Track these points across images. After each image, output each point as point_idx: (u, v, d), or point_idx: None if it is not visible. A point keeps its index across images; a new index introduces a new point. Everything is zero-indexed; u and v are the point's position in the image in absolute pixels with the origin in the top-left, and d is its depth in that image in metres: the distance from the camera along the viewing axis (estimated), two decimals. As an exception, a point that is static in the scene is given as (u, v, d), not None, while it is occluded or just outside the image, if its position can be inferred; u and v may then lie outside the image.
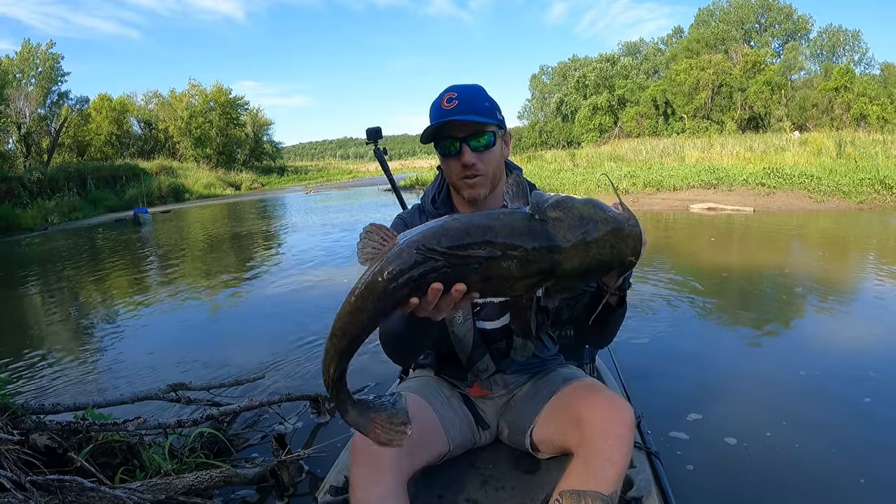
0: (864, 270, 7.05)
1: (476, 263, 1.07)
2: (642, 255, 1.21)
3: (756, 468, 2.70)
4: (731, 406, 3.39)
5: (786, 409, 3.29)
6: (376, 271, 1.07)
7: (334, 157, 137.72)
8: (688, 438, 2.99)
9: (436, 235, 1.07)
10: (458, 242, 1.06)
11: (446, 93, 1.60)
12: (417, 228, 1.10)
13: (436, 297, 1.08)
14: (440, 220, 1.11)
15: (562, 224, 1.11)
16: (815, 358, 4.04)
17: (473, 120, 1.56)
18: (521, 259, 1.08)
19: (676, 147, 23.98)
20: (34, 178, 27.25)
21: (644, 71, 48.56)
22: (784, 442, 2.92)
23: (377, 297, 1.08)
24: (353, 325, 1.12)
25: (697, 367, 4.03)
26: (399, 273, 1.06)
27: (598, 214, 1.15)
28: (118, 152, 42.74)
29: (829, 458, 2.78)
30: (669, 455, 2.23)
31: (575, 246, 1.11)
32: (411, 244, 1.06)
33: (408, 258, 1.06)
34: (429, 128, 1.59)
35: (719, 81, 36.74)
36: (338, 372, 1.19)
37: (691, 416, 3.24)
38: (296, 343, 4.99)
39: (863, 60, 40.20)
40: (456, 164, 1.61)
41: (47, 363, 4.98)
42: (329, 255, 9.75)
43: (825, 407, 3.32)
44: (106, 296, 8.13)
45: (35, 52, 37.57)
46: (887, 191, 13.01)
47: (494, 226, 1.09)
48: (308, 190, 35.01)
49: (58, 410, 2.73)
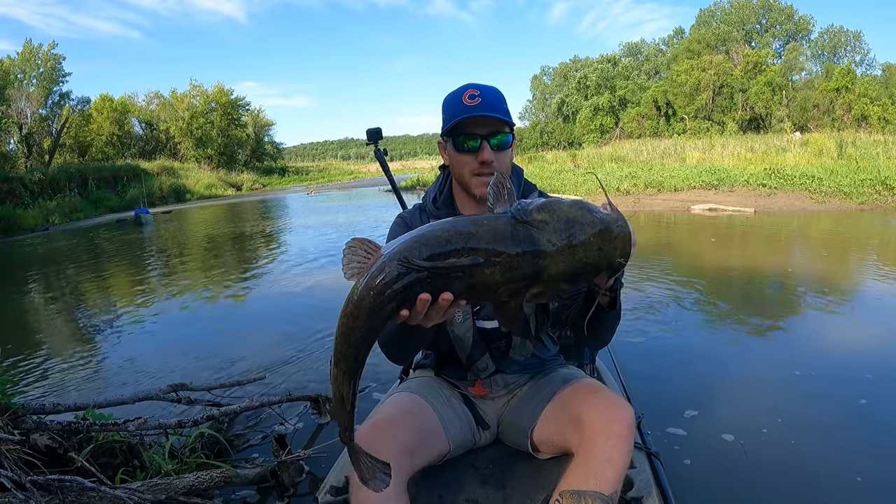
0: (865, 271, 7.04)
1: (459, 272, 1.05)
2: (632, 255, 1.19)
3: (756, 468, 2.70)
4: (731, 406, 3.39)
5: (785, 410, 3.29)
6: (362, 288, 1.06)
7: (335, 157, 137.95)
8: (688, 439, 2.99)
9: (417, 245, 1.05)
10: (439, 251, 1.04)
11: (467, 89, 1.61)
12: (400, 239, 1.08)
13: (424, 307, 1.07)
14: (422, 229, 1.10)
15: (546, 227, 1.09)
16: (813, 359, 4.05)
17: (498, 117, 1.57)
18: (503, 265, 1.06)
19: (677, 148, 24.01)
20: (35, 178, 27.31)
21: (645, 72, 48.57)
22: (783, 442, 2.92)
23: (366, 315, 1.07)
24: (349, 346, 1.11)
25: (697, 368, 4.04)
26: (384, 287, 1.04)
27: (585, 216, 1.13)
28: (119, 153, 42.83)
29: (825, 458, 2.78)
30: (669, 455, 2.23)
31: (560, 250, 1.09)
32: (393, 256, 1.05)
33: (391, 271, 1.04)
34: (452, 122, 1.59)
35: (720, 82, 36.76)
36: (350, 395, 1.17)
37: (691, 417, 3.24)
38: (296, 343, 4.99)
39: (864, 61, 40.28)
40: (472, 160, 1.61)
41: (48, 363, 4.98)
42: (329, 256, 9.74)
43: (823, 407, 3.33)
44: (107, 296, 8.14)
45: (37, 52, 37.64)
46: (888, 191, 13.02)
47: (477, 232, 1.06)
48: (309, 191, 35.02)
49: (58, 410, 2.74)
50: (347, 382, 1.15)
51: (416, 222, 1.77)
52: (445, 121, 1.63)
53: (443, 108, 1.67)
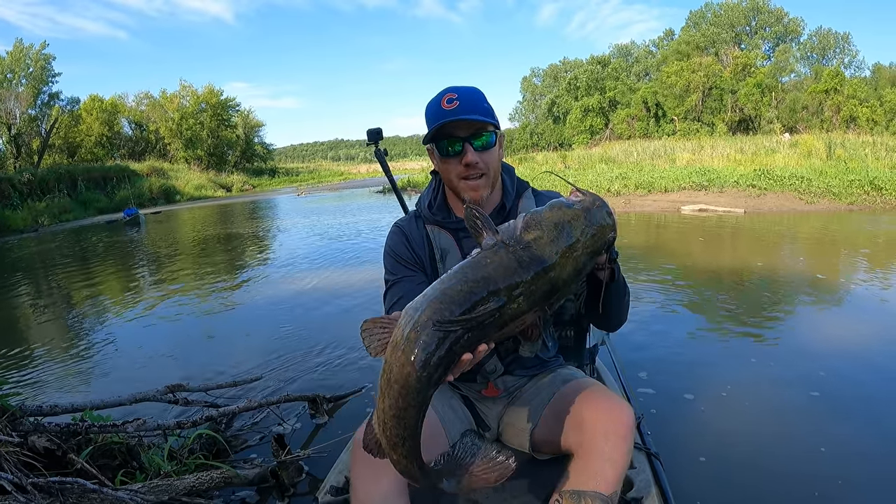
0: (855, 271, 7.09)
1: (490, 317, 1.05)
2: (616, 222, 1.24)
3: (756, 468, 2.72)
4: (731, 406, 3.42)
5: (785, 410, 3.33)
6: (404, 365, 1.03)
7: (325, 158, 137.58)
8: (688, 439, 3.02)
9: (444, 306, 1.04)
10: (468, 304, 1.04)
11: (445, 94, 1.61)
12: (418, 305, 1.07)
13: (469, 365, 1.09)
14: (436, 290, 1.08)
15: (542, 241, 1.11)
16: (812, 359, 4.07)
17: (477, 119, 1.57)
18: (525, 294, 1.08)
19: (667, 149, 24.07)
20: (24, 179, 27.12)
21: (635, 73, 48.70)
22: (784, 443, 2.95)
23: (416, 391, 1.05)
24: (405, 428, 1.09)
25: (697, 368, 4.06)
26: (428, 357, 1.02)
27: (567, 213, 1.16)
28: (109, 154, 42.64)
29: (826, 458, 2.80)
30: (669, 455, 2.25)
31: (564, 254, 1.12)
32: (424, 325, 1.03)
33: (429, 340, 1.02)
34: (432, 128, 1.59)
35: (710, 84, 36.96)
36: (417, 469, 1.17)
37: (691, 417, 3.27)
38: (292, 344, 5.00)
39: (853, 63, 40.49)
40: (457, 164, 1.62)
41: (42, 365, 4.96)
42: (323, 257, 9.75)
43: (823, 407, 3.35)
44: (100, 298, 8.09)
45: (27, 52, 37.35)
46: (877, 192, 13.12)
47: (489, 274, 1.07)
48: (299, 192, 34.88)
49: (56, 412, 2.72)
50: (412, 463, 1.15)
51: (412, 232, 1.78)
52: (427, 127, 1.63)
53: (425, 115, 1.67)
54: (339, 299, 6.61)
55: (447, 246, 1.74)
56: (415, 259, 1.76)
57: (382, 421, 1.09)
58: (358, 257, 9.51)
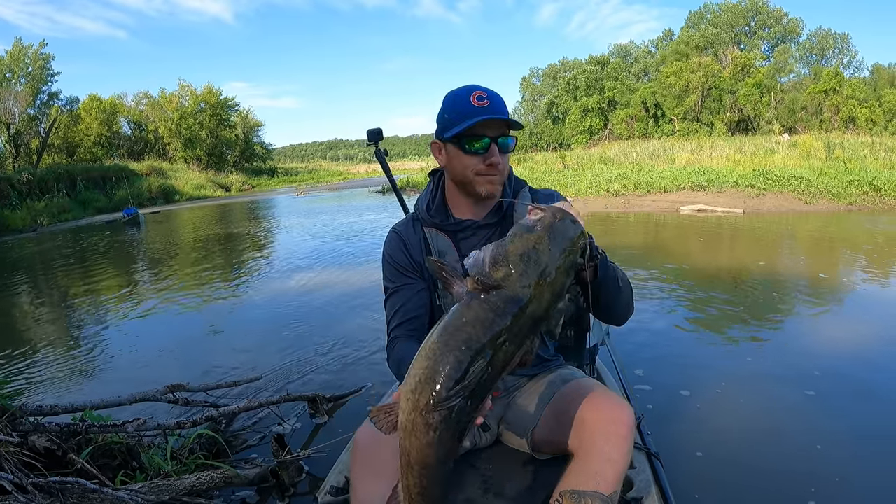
0: (853, 271, 7.10)
1: (484, 374, 1.03)
2: (583, 224, 1.19)
3: (756, 469, 2.73)
4: (731, 406, 3.42)
5: (786, 410, 3.33)
6: (419, 450, 1.05)
7: (324, 158, 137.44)
8: (688, 439, 3.02)
9: (442, 381, 1.01)
10: (461, 373, 1.01)
11: (473, 91, 1.59)
12: (413, 385, 1.04)
13: (479, 422, 1.10)
14: (421, 365, 1.05)
15: (511, 278, 1.06)
16: (811, 358, 4.08)
17: (511, 120, 1.58)
18: (510, 338, 1.05)
19: (666, 149, 24.09)
20: (23, 178, 27.07)
21: (634, 73, 48.70)
22: (784, 443, 2.96)
23: (437, 469, 1.07)
24: (433, 500, 1.11)
25: (697, 368, 4.06)
26: (442, 436, 1.03)
27: (529, 240, 1.09)
28: (108, 153, 42.55)
29: (826, 458, 2.81)
30: (669, 455, 2.25)
31: (537, 286, 1.06)
32: (428, 408, 1.02)
33: (437, 420, 1.02)
34: (464, 124, 1.56)
35: (709, 84, 36.97)
36: None
37: (691, 417, 3.28)
38: (292, 344, 5.01)
39: (852, 63, 40.45)
40: (478, 161, 1.60)
41: (42, 365, 4.97)
42: (322, 257, 9.75)
43: (823, 408, 3.36)
44: (101, 297, 8.08)
45: (26, 52, 37.30)
46: (876, 192, 13.13)
47: (469, 334, 1.03)
48: (299, 192, 34.82)
49: (56, 412, 2.72)
50: None
51: (410, 236, 1.77)
52: (451, 122, 1.59)
53: (446, 108, 1.63)
54: (338, 299, 6.62)
55: (444, 248, 1.73)
56: (413, 265, 1.74)
57: (409, 497, 1.11)
58: (357, 257, 9.53)
